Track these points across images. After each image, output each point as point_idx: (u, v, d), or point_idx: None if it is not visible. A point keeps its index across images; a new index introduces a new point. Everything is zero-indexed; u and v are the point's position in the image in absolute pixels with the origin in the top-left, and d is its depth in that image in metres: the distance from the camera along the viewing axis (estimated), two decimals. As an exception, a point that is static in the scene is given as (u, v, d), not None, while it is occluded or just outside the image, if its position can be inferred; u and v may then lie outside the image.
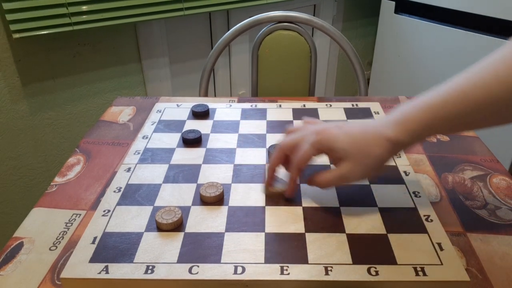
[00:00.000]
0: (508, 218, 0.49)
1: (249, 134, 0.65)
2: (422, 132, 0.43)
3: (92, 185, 0.56)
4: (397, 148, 0.44)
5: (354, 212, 0.48)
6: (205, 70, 1.03)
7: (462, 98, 0.40)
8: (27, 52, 1.22)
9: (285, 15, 1.02)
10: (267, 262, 0.41)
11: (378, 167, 0.45)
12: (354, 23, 2.00)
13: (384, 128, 0.44)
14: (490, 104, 0.39)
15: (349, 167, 0.45)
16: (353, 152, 0.44)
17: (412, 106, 0.43)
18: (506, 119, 0.40)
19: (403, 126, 0.43)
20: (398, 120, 0.43)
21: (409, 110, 0.43)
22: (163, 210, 0.47)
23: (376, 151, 0.44)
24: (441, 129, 0.43)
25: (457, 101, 0.40)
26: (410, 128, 0.42)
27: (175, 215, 0.46)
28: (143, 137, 0.65)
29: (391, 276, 0.39)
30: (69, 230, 0.48)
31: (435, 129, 0.43)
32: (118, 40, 1.36)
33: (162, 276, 0.40)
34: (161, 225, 0.46)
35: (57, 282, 0.42)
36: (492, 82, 0.38)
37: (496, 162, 0.60)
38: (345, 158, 0.45)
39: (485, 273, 0.42)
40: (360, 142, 0.44)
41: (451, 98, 0.40)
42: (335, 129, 0.47)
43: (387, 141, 0.43)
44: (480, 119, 0.41)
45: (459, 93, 0.40)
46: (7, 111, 1.25)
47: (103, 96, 1.42)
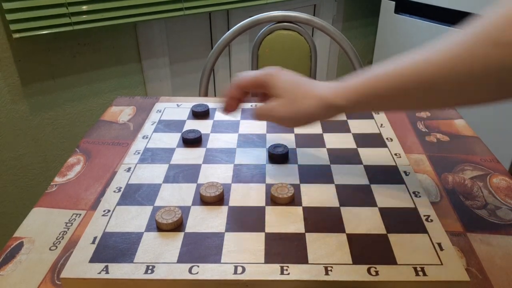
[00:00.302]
0: (508, 218, 0.49)
1: (249, 134, 0.65)
2: (361, 100, 0.45)
3: (92, 185, 0.56)
4: (331, 109, 0.47)
5: (354, 212, 0.48)
6: (205, 70, 1.03)
7: (400, 73, 0.42)
8: (27, 52, 1.22)
9: (285, 15, 1.02)
10: (267, 262, 0.41)
11: (305, 119, 0.48)
12: (354, 23, 2.00)
13: (325, 88, 0.47)
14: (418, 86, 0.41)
15: (280, 105, 0.49)
16: (289, 96, 0.48)
17: (355, 76, 0.46)
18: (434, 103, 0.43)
19: (342, 90, 0.46)
20: (338, 84, 0.47)
21: (351, 79, 0.46)
22: (163, 210, 0.47)
23: (307, 102, 0.47)
24: (374, 103, 0.46)
25: (390, 80, 0.43)
26: (348, 94, 0.46)
27: (175, 215, 0.46)
28: (143, 137, 0.65)
29: (391, 276, 0.39)
30: (69, 230, 0.48)
31: (368, 102, 0.45)
32: (118, 40, 1.36)
33: (162, 276, 0.40)
34: (161, 225, 0.46)
35: (57, 282, 0.42)
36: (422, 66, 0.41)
37: (496, 162, 0.60)
38: (280, 97, 0.49)
39: (485, 273, 0.42)
40: (299, 90, 0.48)
41: (385, 76, 0.43)
42: (284, 74, 0.51)
43: (321, 99, 0.47)
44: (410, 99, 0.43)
45: (392, 72, 0.43)
46: (7, 111, 1.25)
47: (103, 96, 1.42)
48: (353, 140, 0.63)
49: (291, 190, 0.50)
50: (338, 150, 0.60)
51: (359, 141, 0.62)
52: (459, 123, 0.70)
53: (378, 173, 0.55)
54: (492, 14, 0.37)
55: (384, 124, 0.67)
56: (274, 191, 0.50)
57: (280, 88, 0.49)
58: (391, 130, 0.65)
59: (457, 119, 0.71)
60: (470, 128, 0.69)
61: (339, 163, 0.57)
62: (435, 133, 0.68)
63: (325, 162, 0.57)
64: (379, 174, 0.55)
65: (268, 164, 0.57)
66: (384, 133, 0.64)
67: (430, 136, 0.67)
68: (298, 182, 0.53)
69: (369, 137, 0.63)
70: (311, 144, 0.62)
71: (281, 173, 0.55)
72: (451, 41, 0.40)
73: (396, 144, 0.62)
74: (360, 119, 0.68)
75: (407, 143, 0.64)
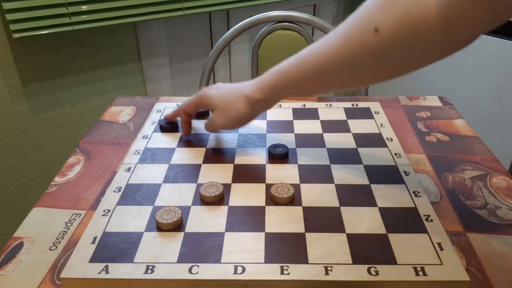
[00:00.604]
0: (508, 218, 0.49)
1: (249, 134, 0.65)
2: (273, 92, 0.53)
3: (92, 185, 0.56)
4: (255, 104, 0.54)
5: (354, 212, 0.48)
6: (205, 70, 1.03)
7: (298, 66, 0.49)
8: (27, 52, 1.22)
9: (285, 15, 1.02)
10: (267, 262, 0.41)
11: (240, 118, 0.56)
12: (354, 23, 2.00)
13: (246, 87, 0.55)
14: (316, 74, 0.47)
15: (216, 116, 0.58)
16: (220, 105, 0.57)
17: (269, 71, 0.53)
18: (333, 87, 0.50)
19: (258, 86, 0.53)
20: (257, 81, 0.54)
21: (266, 73, 0.53)
22: (163, 210, 0.47)
23: (236, 105, 0.55)
24: (286, 91, 0.52)
25: (294, 69, 0.49)
26: (263, 88, 0.53)
27: (175, 215, 0.46)
28: (143, 137, 0.65)
29: (391, 276, 0.39)
30: (69, 230, 0.48)
31: (282, 91, 0.52)
32: (118, 40, 1.36)
33: (162, 276, 0.40)
34: (161, 225, 0.46)
35: (57, 282, 0.42)
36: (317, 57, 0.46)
37: (496, 162, 0.60)
38: (214, 109, 0.58)
39: (485, 273, 0.42)
40: (227, 98, 0.57)
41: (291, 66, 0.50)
42: (214, 89, 0.59)
43: (245, 97, 0.55)
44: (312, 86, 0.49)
45: (296, 62, 0.49)
46: (7, 111, 1.25)
47: (103, 96, 1.42)
48: (353, 140, 0.63)
49: (291, 190, 0.50)
50: (338, 150, 0.60)
51: (359, 141, 0.62)
52: (459, 123, 0.70)
53: (378, 173, 0.55)
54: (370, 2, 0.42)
55: (384, 124, 0.67)
56: (274, 191, 0.50)
57: (212, 103, 0.58)
58: (391, 130, 0.65)
59: (457, 119, 0.71)
60: (470, 128, 0.69)
61: (339, 163, 0.57)
62: (435, 133, 0.68)
63: (325, 162, 0.57)
64: (379, 174, 0.55)
65: (268, 164, 0.57)
66: (384, 133, 0.64)
67: (430, 136, 0.67)
68: (298, 182, 0.53)
69: (369, 137, 0.63)
70: (311, 144, 0.62)
71: (281, 173, 0.55)
72: (340, 30, 0.45)
73: (396, 144, 0.62)
74: (360, 119, 0.68)
75: (407, 143, 0.64)
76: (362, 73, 0.45)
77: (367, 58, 0.42)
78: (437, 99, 0.79)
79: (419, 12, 0.38)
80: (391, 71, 0.44)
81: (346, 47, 0.43)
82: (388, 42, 0.40)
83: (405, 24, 0.39)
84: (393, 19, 0.39)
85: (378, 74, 0.44)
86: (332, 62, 0.45)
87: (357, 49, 0.42)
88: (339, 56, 0.44)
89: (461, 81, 1.52)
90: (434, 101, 0.78)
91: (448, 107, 0.76)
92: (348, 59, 0.44)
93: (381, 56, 0.41)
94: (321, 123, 0.68)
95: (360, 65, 0.43)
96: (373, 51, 0.41)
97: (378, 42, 0.40)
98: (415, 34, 0.38)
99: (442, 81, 1.59)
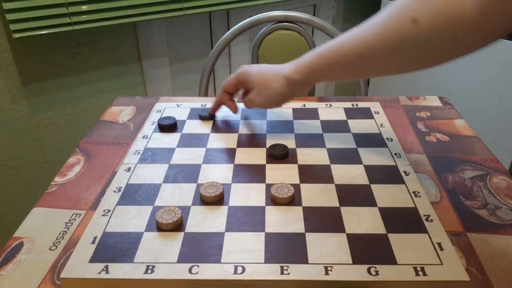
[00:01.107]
0: (508, 218, 0.49)
1: (249, 134, 0.65)
2: (311, 74, 0.55)
3: (92, 185, 0.56)
4: (293, 84, 0.57)
5: (354, 212, 0.48)
6: (205, 70, 1.03)
7: (337, 51, 0.51)
8: (27, 52, 1.22)
9: (285, 15, 1.02)
10: (267, 262, 0.41)
11: (277, 98, 0.59)
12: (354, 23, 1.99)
13: (285, 68, 0.57)
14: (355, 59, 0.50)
15: (254, 94, 0.61)
16: (258, 84, 0.60)
17: (308, 53, 0.55)
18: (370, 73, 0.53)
19: (296, 67, 0.56)
20: (296, 62, 0.56)
21: (305, 55, 0.55)
22: (163, 210, 0.47)
23: (274, 84, 0.58)
24: (323, 74, 0.54)
25: (333, 53, 0.51)
26: (301, 69, 0.55)
27: (175, 215, 0.46)
28: (143, 137, 0.65)
29: (391, 276, 0.39)
30: (69, 230, 0.48)
31: (319, 73, 0.54)
32: (118, 40, 1.36)
33: (162, 276, 0.40)
34: (161, 225, 0.46)
35: (57, 282, 0.42)
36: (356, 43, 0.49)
37: (496, 162, 0.60)
38: (253, 87, 0.61)
39: (485, 273, 0.42)
40: (266, 77, 0.59)
41: (330, 50, 0.52)
42: (254, 67, 0.62)
43: (283, 77, 0.57)
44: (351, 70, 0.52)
45: (336, 46, 0.51)
46: (7, 111, 1.25)
47: (103, 96, 1.42)
48: (353, 140, 0.63)
49: (291, 190, 0.50)
50: (338, 150, 0.60)
51: (359, 141, 0.62)
52: (459, 123, 0.70)
53: (378, 173, 0.55)
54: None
55: (384, 124, 0.67)
56: (274, 191, 0.50)
57: (251, 81, 0.60)
58: (391, 130, 0.65)
59: (457, 119, 0.71)
60: (470, 128, 0.69)
61: (339, 163, 0.57)
62: (435, 133, 0.68)
63: (325, 162, 0.57)
64: (379, 174, 0.55)
65: (268, 164, 0.57)
66: (384, 133, 0.64)
67: (430, 136, 0.67)
68: (298, 182, 0.53)
69: (369, 137, 0.63)
70: (311, 144, 0.62)
71: (281, 173, 0.55)
72: (379, 20, 0.47)
73: (396, 144, 0.62)
74: (360, 119, 0.68)
75: (407, 143, 0.64)
76: (399, 61, 0.47)
77: (405, 47, 0.45)
78: (437, 99, 0.79)
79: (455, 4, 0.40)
80: (428, 60, 0.46)
81: (385, 36, 0.46)
82: (426, 33, 0.42)
83: (442, 15, 0.41)
84: (431, 10, 0.42)
85: (415, 62, 0.47)
86: (371, 49, 0.48)
87: (396, 39, 0.45)
88: (378, 44, 0.47)
89: (461, 81, 1.52)
90: (434, 101, 0.78)
91: (448, 107, 0.76)
92: (387, 48, 0.46)
93: (419, 45, 0.44)
94: (321, 123, 0.68)
95: (398, 54, 0.46)
96: (411, 41, 0.44)
97: (416, 33, 0.43)
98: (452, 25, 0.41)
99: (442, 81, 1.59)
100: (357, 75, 0.55)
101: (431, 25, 0.42)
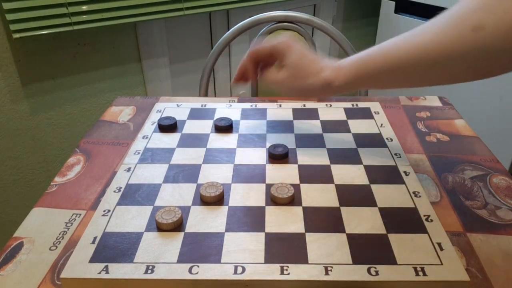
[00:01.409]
0: (508, 218, 0.49)
1: (249, 134, 0.65)
2: (353, 80, 0.50)
3: (92, 185, 0.56)
4: (329, 87, 0.52)
5: (354, 212, 0.48)
6: (205, 70, 1.03)
7: (383, 57, 0.47)
8: (27, 52, 1.22)
9: (285, 15, 1.02)
10: (267, 262, 0.41)
11: (306, 92, 0.54)
12: (354, 23, 2.00)
13: (327, 68, 0.52)
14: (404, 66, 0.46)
15: (285, 76, 0.54)
16: (294, 69, 0.53)
17: (349, 58, 0.51)
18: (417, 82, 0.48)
19: (337, 72, 0.51)
20: (337, 65, 0.52)
21: (346, 60, 0.51)
22: (163, 210, 0.47)
23: (310, 79, 0.52)
24: (364, 81, 0.50)
25: (378, 59, 0.48)
26: (342, 75, 0.51)
27: (175, 215, 0.46)
28: (143, 137, 0.65)
29: (391, 276, 0.39)
30: (69, 230, 0.48)
31: (365, 81, 0.50)
32: (118, 40, 1.36)
33: (162, 276, 0.40)
34: (161, 225, 0.46)
35: (57, 282, 0.42)
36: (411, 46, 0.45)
37: (496, 162, 0.60)
38: (286, 68, 0.54)
39: (485, 273, 0.42)
40: (305, 65, 0.53)
41: (375, 57, 0.48)
42: (298, 47, 0.55)
43: (324, 80, 0.52)
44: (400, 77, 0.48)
45: (386, 51, 0.47)
46: (7, 111, 1.25)
47: (103, 96, 1.42)
48: (353, 140, 0.63)
49: (291, 190, 0.50)
50: (338, 150, 0.60)
51: (359, 141, 0.62)
52: (459, 123, 0.70)
53: (378, 173, 0.55)
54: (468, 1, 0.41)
55: (384, 124, 0.67)
56: (274, 191, 0.50)
57: (292, 62, 0.54)
58: (391, 130, 0.65)
59: (457, 119, 0.71)
60: (470, 128, 0.69)
61: (339, 163, 0.57)
62: (435, 133, 0.68)
63: (325, 162, 0.57)
64: (379, 174, 0.55)
65: (268, 164, 0.57)
66: (384, 133, 0.64)
67: (430, 136, 0.67)
68: (298, 182, 0.53)
69: (369, 137, 0.63)
70: (311, 144, 0.62)
71: (281, 173, 0.55)
72: (433, 25, 0.44)
73: (396, 144, 0.62)
74: (360, 119, 0.68)
75: (407, 143, 0.64)
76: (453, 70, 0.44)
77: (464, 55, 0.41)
78: (437, 99, 0.79)
79: None
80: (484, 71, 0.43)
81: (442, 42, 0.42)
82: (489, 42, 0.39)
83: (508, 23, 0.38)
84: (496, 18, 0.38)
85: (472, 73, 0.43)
86: (422, 56, 0.44)
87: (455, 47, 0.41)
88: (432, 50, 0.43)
89: (461, 81, 1.52)
90: (434, 101, 0.78)
91: (448, 107, 0.76)
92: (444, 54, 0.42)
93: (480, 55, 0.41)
94: (321, 123, 0.68)
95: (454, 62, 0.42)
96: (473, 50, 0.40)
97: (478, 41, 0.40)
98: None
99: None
100: (404, 83, 0.49)
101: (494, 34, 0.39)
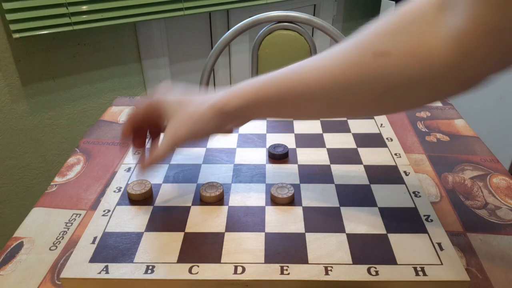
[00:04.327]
0: (508, 218, 0.49)
1: (249, 134, 0.65)
2: (247, 103, 0.44)
3: (92, 185, 0.56)
4: (223, 115, 0.45)
5: (354, 212, 0.48)
6: (205, 70, 1.03)
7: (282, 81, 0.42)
8: (27, 52, 1.22)
9: (285, 15, 1.02)
10: (267, 262, 0.41)
11: (202, 129, 0.45)
12: (354, 23, 2.00)
13: (216, 96, 0.45)
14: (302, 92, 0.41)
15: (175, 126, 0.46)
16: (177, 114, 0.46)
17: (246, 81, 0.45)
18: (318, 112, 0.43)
19: (230, 94, 0.44)
20: (229, 90, 0.45)
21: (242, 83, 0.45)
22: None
23: (203, 112, 0.45)
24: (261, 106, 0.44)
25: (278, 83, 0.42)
26: (235, 100, 0.44)
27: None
28: (143, 137, 0.64)
29: (391, 276, 0.39)
30: (69, 230, 0.48)
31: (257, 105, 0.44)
32: (118, 40, 1.36)
33: (162, 276, 0.40)
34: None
35: (57, 282, 0.42)
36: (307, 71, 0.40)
37: (496, 162, 0.60)
38: (171, 117, 0.46)
39: (485, 273, 0.42)
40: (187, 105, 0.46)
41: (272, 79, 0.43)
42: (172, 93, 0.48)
43: (214, 105, 0.44)
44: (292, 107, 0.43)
45: (280, 76, 0.42)
46: (7, 111, 1.25)
47: (103, 96, 1.42)
48: (353, 140, 0.63)
49: (291, 190, 0.50)
50: (338, 150, 0.60)
51: (359, 141, 0.62)
52: (459, 123, 0.70)
53: (378, 173, 0.55)
54: (373, 25, 0.38)
55: (384, 124, 0.67)
56: (274, 191, 0.50)
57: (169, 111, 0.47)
58: (391, 130, 0.65)
59: (457, 119, 0.71)
60: (470, 128, 0.69)
61: (339, 163, 0.57)
62: (435, 133, 0.68)
63: (325, 162, 0.57)
64: (379, 174, 0.55)
65: (268, 164, 0.57)
66: (384, 133, 0.64)
67: (430, 136, 0.67)
68: (298, 182, 0.53)
69: (369, 137, 0.63)
70: (311, 144, 0.62)
71: (281, 173, 0.55)
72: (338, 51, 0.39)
73: (396, 144, 0.62)
74: (360, 119, 0.68)
75: (407, 143, 0.64)
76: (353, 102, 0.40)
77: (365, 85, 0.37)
78: (437, 99, 0.78)
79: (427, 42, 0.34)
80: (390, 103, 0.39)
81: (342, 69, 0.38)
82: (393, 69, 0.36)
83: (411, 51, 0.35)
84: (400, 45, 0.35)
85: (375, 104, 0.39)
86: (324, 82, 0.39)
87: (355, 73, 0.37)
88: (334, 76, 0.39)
89: (461, 81, 1.52)
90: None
91: (448, 107, 0.76)
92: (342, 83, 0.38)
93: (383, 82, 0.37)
94: (321, 123, 0.68)
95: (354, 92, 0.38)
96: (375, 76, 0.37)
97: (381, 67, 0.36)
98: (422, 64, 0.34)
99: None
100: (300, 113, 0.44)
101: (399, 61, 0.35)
